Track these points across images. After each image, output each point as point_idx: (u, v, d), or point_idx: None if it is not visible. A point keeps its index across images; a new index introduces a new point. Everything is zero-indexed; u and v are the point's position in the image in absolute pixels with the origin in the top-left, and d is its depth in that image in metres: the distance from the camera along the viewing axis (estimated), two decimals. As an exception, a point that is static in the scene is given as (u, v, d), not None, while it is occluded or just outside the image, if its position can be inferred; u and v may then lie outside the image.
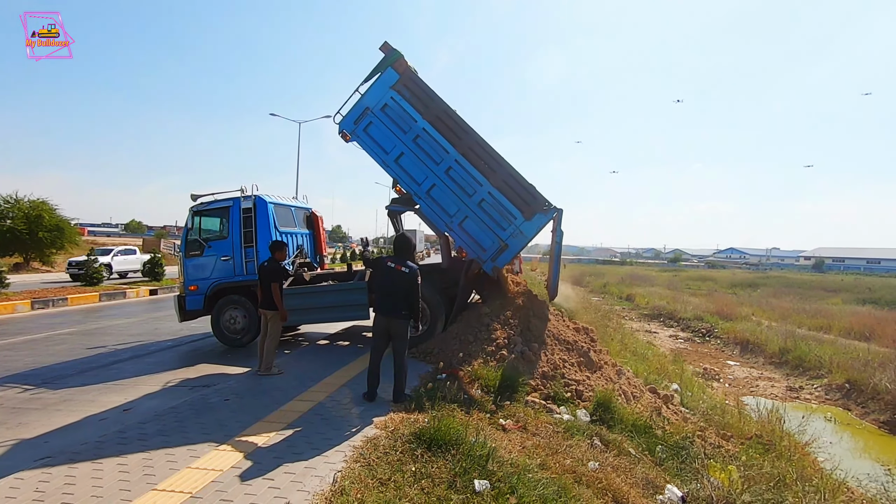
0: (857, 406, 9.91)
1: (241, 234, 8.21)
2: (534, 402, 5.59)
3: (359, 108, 7.60)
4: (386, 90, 7.45)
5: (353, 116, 7.62)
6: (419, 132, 7.38)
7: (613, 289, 30.75)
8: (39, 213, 22.69)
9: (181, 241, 8.73)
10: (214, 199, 8.52)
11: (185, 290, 8.44)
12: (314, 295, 7.93)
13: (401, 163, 7.54)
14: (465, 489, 3.37)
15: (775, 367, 13.06)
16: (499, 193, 7.20)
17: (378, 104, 7.48)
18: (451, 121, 7.40)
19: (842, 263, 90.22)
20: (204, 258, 8.37)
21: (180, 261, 8.62)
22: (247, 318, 8.29)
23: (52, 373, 6.75)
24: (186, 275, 8.45)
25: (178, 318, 8.52)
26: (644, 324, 19.73)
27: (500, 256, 7.24)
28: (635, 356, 10.54)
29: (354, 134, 7.66)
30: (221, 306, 8.32)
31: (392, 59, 7.40)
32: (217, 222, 8.66)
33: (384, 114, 7.48)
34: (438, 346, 7.07)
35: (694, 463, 4.99)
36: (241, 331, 8.33)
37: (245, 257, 8.21)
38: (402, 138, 7.45)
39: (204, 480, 3.41)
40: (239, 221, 8.24)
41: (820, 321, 17.27)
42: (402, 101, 7.40)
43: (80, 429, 4.60)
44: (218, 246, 8.37)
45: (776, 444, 6.15)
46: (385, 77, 7.46)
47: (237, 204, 8.29)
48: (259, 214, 8.24)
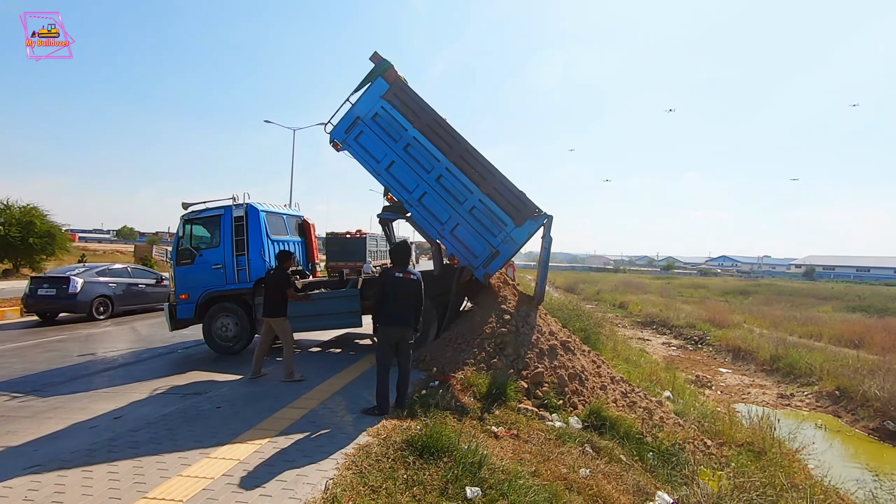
0: (847, 413, 9.99)
1: (233, 242, 8.20)
2: (526, 409, 5.61)
3: (350, 118, 7.67)
4: (376, 99, 7.52)
5: (344, 126, 7.69)
6: (410, 141, 7.45)
7: (607, 296, 30.88)
8: (31, 218, 22.51)
9: (172, 249, 8.70)
10: (206, 208, 8.51)
11: (176, 298, 8.41)
12: (306, 302, 7.91)
13: (392, 171, 7.60)
14: (457, 496, 3.38)
15: (767, 374, 13.15)
16: (489, 200, 7.29)
17: (369, 113, 7.55)
18: (442, 129, 7.48)
19: (832, 271, 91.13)
20: (195, 266, 8.34)
21: (171, 269, 8.59)
22: (238, 325, 8.27)
23: (42, 380, 6.69)
24: (177, 283, 8.42)
25: (169, 326, 8.47)
26: (637, 331, 19.80)
27: (491, 263, 7.30)
28: (628, 363, 10.59)
29: (346, 143, 7.72)
30: (213, 314, 8.29)
31: (382, 68, 7.48)
32: (208, 230, 8.64)
33: (375, 123, 7.55)
34: (431, 353, 7.08)
35: (684, 469, 5.03)
36: (232, 338, 8.29)
37: (237, 265, 8.19)
38: (392, 147, 7.52)
39: (195, 488, 3.40)
40: (230, 230, 8.22)
41: (811, 329, 17.41)
42: (392, 110, 7.48)
43: (70, 437, 4.56)
44: (209, 254, 8.34)
45: (767, 451, 6.20)
46: (375, 86, 7.54)
47: (228, 212, 8.28)
48: (251, 223, 8.23)
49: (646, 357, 12.69)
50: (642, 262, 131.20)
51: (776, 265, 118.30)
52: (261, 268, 8.19)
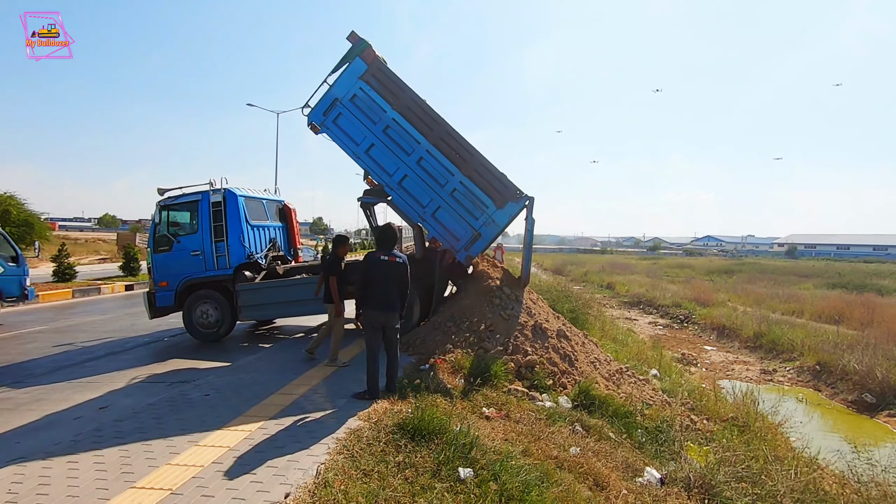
0: (826, 387, 10.28)
1: (211, 228, 8.05)
2: (516, 390, 5.65)
3: (328, 100, 7.52)
4: (354, 80, 7.38)
5: (323, 108, 7.54)
6: (389, 122, 7.35)
7: (594, 277, 31.16)
8: (6, 207, 21.86)
9: (149, 236, 8.53)
10: (183, 194, 8.35)
11: (155, 286, 8.28)
12: (285, 288, 7.87)
13: (371, 154, 7.51)
14: (449, 477, 3.39)
15: (750, 350, 13.45)
16: (470, 183, 7.25)
17: (347, 95, 7.41)
18: (422, 111, 7.39)
19: (813, 249, 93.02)
20: (173, 254, 8.20)
21: (149, 257, 8.44)
22: (219, 311, 8.17)
23: (23, 371, 6.55)
24: (156, 271, 8.28)
25: (149, 315, 8.36)
26: (624, 311, 20.07)
27: (473, 245, 7.29)
28: (616, 343, 10.73)
29: (324, 126, 7.60)
30: (193, 302, 8.18)
31: (360, 48, 7.33)
32: (186, 217, 8.48)
33: (353, 104, 7.42)
34: (421, 337, 7.08)
35: (672, 445, 5.12)
36: (214, 325, 8.20)
37: (216, 252, 8.05)
38: (372, 129, 7.41)
39: (184, 477, 3.35)
40: (208, 215, 8.07)
41: (792, 306, 17.79)
42: (371, 91, 7.35)
43: (54, 428, 4.47)
44: (187, 241, 8.20)
45: (751, 426, 6.34)
46: (353, 67, 7.38)
47: (206, 198, 8.11)
48: (229, 208, 8.08)
49: (633, 336, 12.88)
50: (629, 244, 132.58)
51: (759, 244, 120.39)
52: (240, 254, 8.08)
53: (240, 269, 8.13)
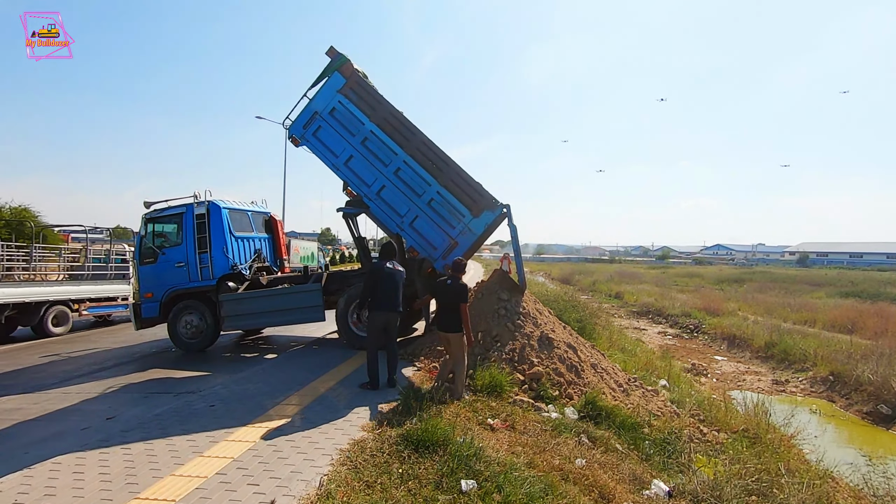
0: (840, 398, 10.07)
1: (195, 239, 8.17)
2: (522, 400, 5.61)
3: (307, 113, 7.74)
4: (333, 94, 7.60)
5: (303, 121, 7.76)
6: (367, 134, 7.54)
7: (602, 286, 30.99)
8: (22, 220, 22.26)
9: (135, 248, 8.67)
10: (168, 206, 8.49)
11: (140, 297, 8.39)
12: (268, 298, 7.92)
13: (350, 165, 7.69)
14: (452, 489, 3.37)
15: (761, 361, 13.24)
16: (447, 192, 7.40)
17: (326, 108, 7.64)
18: (398, 122, 7.56)
19: (826, 258, 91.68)
20: (158, 265, 8.32)
21: (134, 268, 8.57)
22: (203, 321, 8.25)
23: (33, 381, 6.62)
24: (141, 282, 8.42)
25: (135, 326, 8.47)
26: (633, 321, 19.89)
27: (450, 254, 7.35)
28: (624, 353, 10.62)
29: (304, 138, 7.81)
30: (177, 312, 8.27)
31: (338, 63, 7.57)
32: (171, 229, 8.61)
33: (332, 117, 7.63)
34: (425, 347, 7.07)
35: (680, 457, 5.04)
36: (197, 335, 8.27)
37: (199, 263, 8.17)
38: (350, 141, 7.61)
39: (188, 487, 3.36)
40: (192, 227, 8.20)
41: (804, 315, 17.52)
42: (349, 104, 7.56)
43: (62, 438, 4.50)
44: (172, 252, 8.32)
45: (762, 437, 6.23)
46: (332, 81, 7.62)
47: (190, 210, 8.25)
48: (212, 220, 8.20)
49: (642, 346, 12.74)
50: (637, 252, 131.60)
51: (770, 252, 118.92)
52: (224, 264, 8.17)
53: (223, 280, 8.21)
